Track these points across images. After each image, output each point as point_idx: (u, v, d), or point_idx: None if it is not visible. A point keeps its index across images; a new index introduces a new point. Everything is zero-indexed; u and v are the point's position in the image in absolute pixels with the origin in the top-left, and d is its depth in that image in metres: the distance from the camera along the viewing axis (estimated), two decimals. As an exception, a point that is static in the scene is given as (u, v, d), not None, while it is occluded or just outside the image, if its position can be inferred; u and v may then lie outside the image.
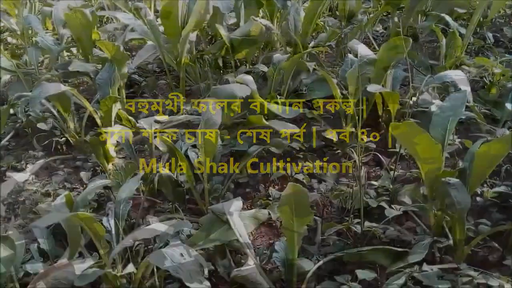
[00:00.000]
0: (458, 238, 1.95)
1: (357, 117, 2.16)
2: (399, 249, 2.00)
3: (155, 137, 2.49)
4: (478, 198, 2.26)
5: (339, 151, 2.78)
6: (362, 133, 2.67)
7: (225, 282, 2.00)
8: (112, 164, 2.54)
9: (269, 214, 2.20)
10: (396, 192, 2.33)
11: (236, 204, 2.10)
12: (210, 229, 2.03)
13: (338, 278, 1.82)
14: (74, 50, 4.05)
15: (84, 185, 2.65)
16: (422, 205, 2.22)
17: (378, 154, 2.71)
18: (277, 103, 2.83)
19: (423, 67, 3.34)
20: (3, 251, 1.84)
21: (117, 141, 2.61)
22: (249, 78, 2.73)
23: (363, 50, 2.71)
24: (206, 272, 1.60)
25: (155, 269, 1.92)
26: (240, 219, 2.03)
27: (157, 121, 2.77)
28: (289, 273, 1.91)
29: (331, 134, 2.71)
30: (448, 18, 3.32)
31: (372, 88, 2.52)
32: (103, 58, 3.35)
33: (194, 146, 2.58)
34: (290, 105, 2.86)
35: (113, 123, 2.82)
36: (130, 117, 2.88)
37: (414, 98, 2.64)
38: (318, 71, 3.00)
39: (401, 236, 2.11)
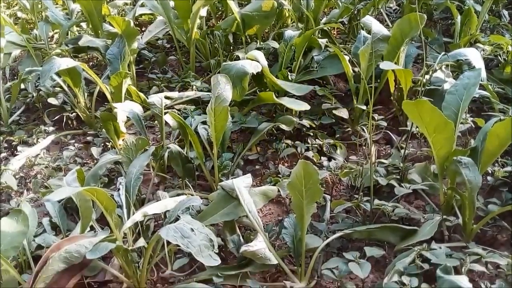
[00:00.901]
0: (468, 217, 1.95)
1: (368, 95, 2.14)
2: (408, 227, 2.01)
3: (166, 113, 2.49)
4: (489, 178, 2.25)
5: (349, 128, 2.77)
6: (374, 110, 2.65)
7: (234, 257, 2.03)
8: (123, 140, 2.55)
9: (279, 191, 2.21)
10: (406, 170, 2.32)
11: (246, 180, 2.11)
12: (219, 205, 2.05)
13: (347, 255, 1.82)
14: (84, 25, 4.03)
15: (95, 160, 2.67)
16: (432, 183, 2.22)
17: (389, 132, 2.70)
18: (287, 80, 2.81)
19: (437, 44, 3.28)
20: (16, 225, 1.87)
21: (127, 117, 2.61)
22: (260, 54, 2.70)
23: (376, 26, 2.67)
24: (216, 246, 1.62)
25: (165, 244, 1.94)
26: (249, 196, 2.04)
27: (167, 97, 2.77)
28: (298, 249, 1.92)
29: (342, 112, 2.69)
30: (463, -6, 3.25)
31: (385, 65, 2.48)
32: (113, 33, 3.33)
33: (204, 122, 2.57)
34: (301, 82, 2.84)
35: (123, 98, 2.82)
36: (140, 93, 2.87)
37: (427, 76, 2.60)
38: (330, 48, 2.97)
39: (410, 215, 2.11)
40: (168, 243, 1.94)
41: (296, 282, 1.90)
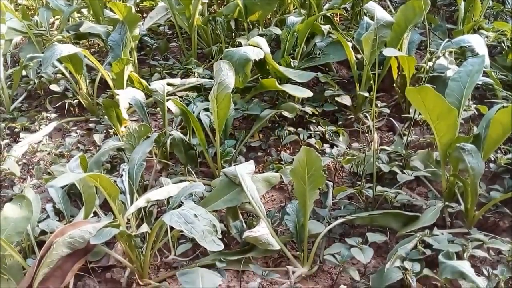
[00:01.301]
0: (470, 203, 1.95)
1: (372, 82, 2.13)
2: (410, 214, 2.01)
3: (168, 100, 2.49)
4: (491, 164, 2.25)
5: (351, 116, 2.76)
6: (376, 97, 2.64)
7: (237, 243, 2.04)
8: (125, 127, 2.55)
9: (281, 177, 2.21)
10: (408, 157, 2.32)
11: (249, 167, 2.12)
12: (222, 192, 2.05)
13: (349, 241, 1.84)
14: (85, 11, 4.00)
15: (98, 147, 2.67)
16: (434, 170, 2.22)
17: (391, 119, 2.69)
18: (290, 66, 2.80)
19: (440, 31, 3.26)
20: (19, 210, 1.88)
21: (129, 104, 2.61)
22: (262, 40, 2.69)
23: (379, 12, 2.65)
24: (219, 232, 1.63)
25: (168, 229, 1.95)
26: (252, 182, 2.04)
27: (169, 84, 2.76)
28: (300, 235, 1.93)
29: (345, 99, 2.68)
30: (467, -20, 3.22)
31: (388, 52, 2.47)
32: (114, 19, 3.31)
33: (206, 109, 2.57)
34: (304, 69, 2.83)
35: (125, 85, 2.82)
36: (142, 80, 2.87)
37: (430, 63, 2.59)
38: (333, 35, 2.95)
39: (412, 201, 2.11)
40: (171, 228, 1.95)
41: (299, 267, 1.91)
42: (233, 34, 3.49)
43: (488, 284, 1.57)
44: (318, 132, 2.59)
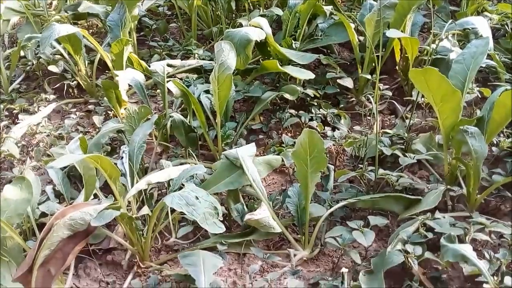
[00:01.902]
0: (472, 187, 1.95)
1: (374, 64, 2.10)
2: (412, 197, 2.00)
3: (168, 81, 2.46)
4: (493, 148, 2.24)
5: (353, 98, 2.74)
6: (379, 80, 2.61)
7: (238, 226, 2.03)
8: (125, 108, 2.52)
9: (282, 160, 2.20)
10: (410, 140, 2.30)
11: (250, 149, 2.10)
12: (223, 174, 2.04)
13: (350, 224, 1.83)
14: (83, -9, 3.94)
15: (97, 129, 2.65)
16: (436, 153, 2.21)
17: (394, 102, 2.67)
18: (292, 48, 2.76)
19: (443, 13, 3.21)
20: (19, 192, 1.87)
21: (129, 85, 2.58)
22: (263, 21, 2.64)
23: (383, -7, 2.60)
24: (220, 214, 1.62)
25: (169, 212, 1.95)
26: (253, 165, 2.03)
27: (169, 65, 2.73)
28: (302, 218, 1.93)
29: (346, 81, 2.66)
30: (471, -40, 3.17)
31: (392, 33, 2.43)
32: (113, -1, 3.26)
33: (207, 91, 2.54)
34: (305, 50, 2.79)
35: (124, 66, 2.78)
36: (141, 61, 2.83)
37: (433, 45, 2.55)
38: (335, 16, 2.91)
39: (414, 184, 2.10)
40: (172, 211, 1.94)
41: (300, 250, 1.91)
42: (234, 15, 3.44)
43: (490, 268, 1.57)
44: (319, 115, 2.57)
